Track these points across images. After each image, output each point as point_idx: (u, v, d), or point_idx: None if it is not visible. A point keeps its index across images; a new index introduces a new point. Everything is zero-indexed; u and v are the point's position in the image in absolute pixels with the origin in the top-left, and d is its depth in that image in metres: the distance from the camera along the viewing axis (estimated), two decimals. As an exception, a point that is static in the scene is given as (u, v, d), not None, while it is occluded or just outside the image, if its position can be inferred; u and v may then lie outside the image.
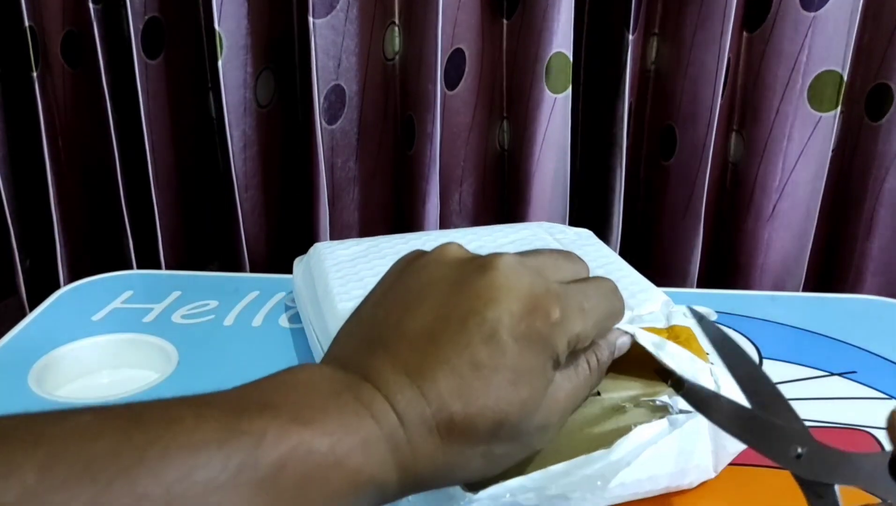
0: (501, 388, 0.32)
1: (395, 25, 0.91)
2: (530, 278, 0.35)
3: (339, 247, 0.63)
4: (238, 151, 0.89)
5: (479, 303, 0.33)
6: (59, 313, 0.68)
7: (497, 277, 0.34)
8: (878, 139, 0.87)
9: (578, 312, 0.35)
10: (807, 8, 0.81)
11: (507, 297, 0.34)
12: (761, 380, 0.34)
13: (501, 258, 0.35)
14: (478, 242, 0.63)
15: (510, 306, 0.33)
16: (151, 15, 0.87)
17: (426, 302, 0.35)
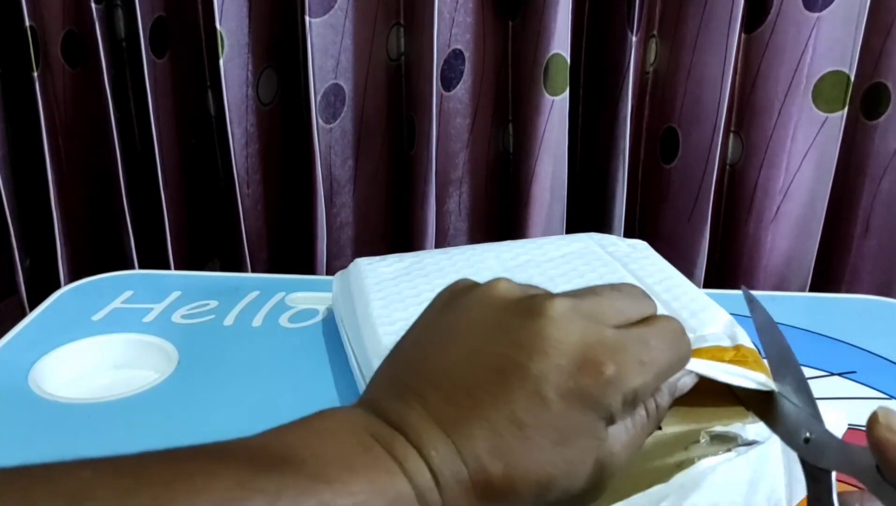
0: (545, 449, 0.29)
1: (400, 26, 0.91)
2: (582, 327, 0.31)
3: (380, 264, 0.61)
4: (239, 149, 0.89)
5: (523, 355, 0.30)
6: (59, 313, 0.68)
7: (545, 326, 0.31)
8: (875, 138, 0.87)
9: (637, 365, 0.32)
10: (810, 8, 0.81)
11: (554, 350, 0.30)
12: (791, 365, 0.36)
13: (553, 303, 0.32)
14: (526, 255, 0.59)
15: (558, 361, 0.30)
16: (158, 14, 0.87)
17: (466, 347, 0.32)
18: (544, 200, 0.92)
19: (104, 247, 0.97)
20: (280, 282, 0.73)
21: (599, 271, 0.56)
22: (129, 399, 0.55)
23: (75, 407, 0.54)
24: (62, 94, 0.89)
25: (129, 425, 0.52)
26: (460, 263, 0.59)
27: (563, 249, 0.60)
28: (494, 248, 0.62)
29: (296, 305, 0.69)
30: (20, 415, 0.53)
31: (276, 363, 0.60)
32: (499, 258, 0.59)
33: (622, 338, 0.32)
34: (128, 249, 0.92)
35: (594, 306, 0.33)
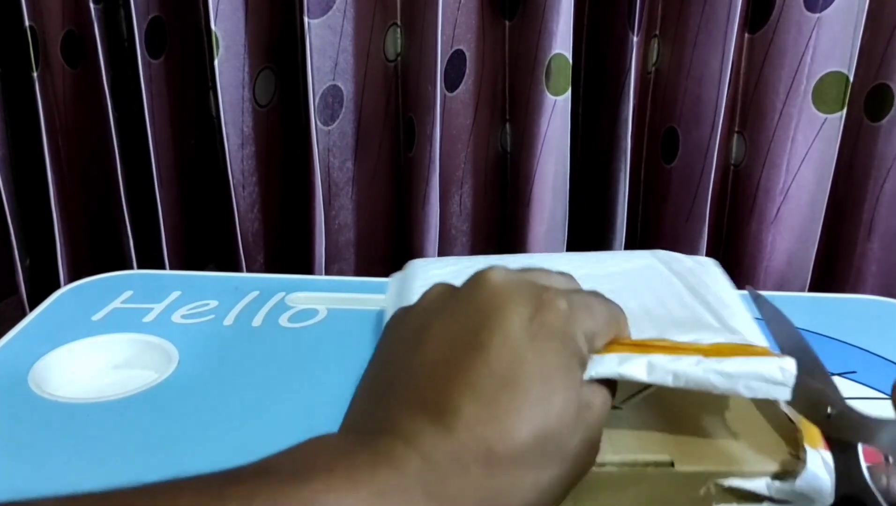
0: (534, 399, 0.29)
1: (397, 26, 0.91)
2: (527, 281, 0.33)
3: (434, 266, 0.58)
4: (235, 150, 0.89)
5: (483, 317, 0.31)
6: (59, 313, 0.68)
7: (493, 287, 0.32)
8: (878, 140, 0.87)
9: (585, 308, 0.33)
10: (811, 9, 0.81)
11: (509, 300, 0.32)
12: (805, 350, 0.37)
13: (489, 271, 0.33)
14: (584, 269, 0.54)
15: (516, 309, 0.31)
16: (154, 15, 0.87)
17: (428, 338, 0.32)
18: (546, 200, 0.91)
19: (104, 247, 0.96)
20: (280, 282, 0.73)
21: (658, 290, 0.52)
22: (129, 399, 0.55)
23: (75, 407, 0.54)
24: (62, 95, 0.89)
25: (129, 425, 0.52)
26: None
27: (624, 266, 0.57)
28: (554, 259, 0.59)
29: (296, 305, 0.69)
30: (20, 415, 0.53)
31: (276, 363, 0.60)
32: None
33: (563, 289, 0.34)
34: (126, 250, 0.92)
35: (530, 274, 0.35)
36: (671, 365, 0.33)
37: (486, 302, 0.32)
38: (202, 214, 0.99)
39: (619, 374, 0.33)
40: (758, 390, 0.32)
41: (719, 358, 0.33)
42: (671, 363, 0.33)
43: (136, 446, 0.50)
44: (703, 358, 0.33)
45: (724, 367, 0.32)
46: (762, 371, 0.32)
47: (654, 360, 0.33)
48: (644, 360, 0.33)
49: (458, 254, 0.99)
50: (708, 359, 0.33)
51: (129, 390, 0.56)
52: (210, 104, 0.95)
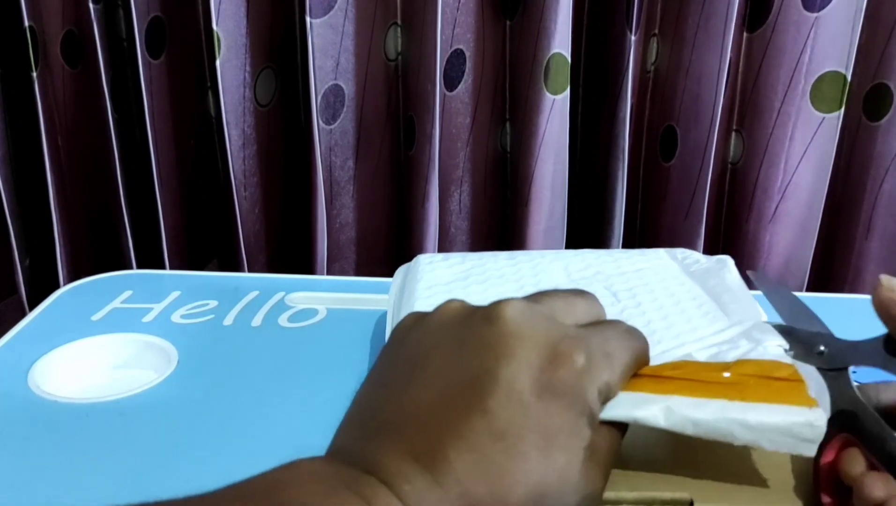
0: (532, 458, 0.27)
1: (397, 26, 0.91)
2: (545, 324, 0.30)
3: (441, 263, 0.56)
4: (236, 150, 0.89)
5: (489, 360, 0.29)
6: (59, 313, 0.68)
7: (506, 327, 0.30)
8: (877, 140, 0.87)
9: (604, 357, 0.31)
10: (809, 8, 0.81)
11: (520, 347, 0.29)
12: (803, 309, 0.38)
13: (507, 305, 0.30)
14: (596, 267, 0.54)
15: (527, 358, 0.29)
16: (154, 15, 0.87)
17: (429, 371, 0.30)
18: (545, 199, 0.92)
19: (104, 247, 0.97)
20: (280, 282, 0.73)
21: (672, 289, 0.50)
22: (128, 399, 0.55)
23: (75, 407, 0.54)
24: (62, 94, 0.89)
25: (128, 425, 0.52)
26: (524, 270, 0.54)
27: (639, 264, 0.54)
28: (566, 256, 0.57)
29: (296, 305, 0.69)
30: (20, 415, 0.53)
31: (276, 363, 0.60)
32: (567, 270, 0.54)
33: (583, 332, 0.31)
34: (126, 250, 0.92)
35: (550, 307, 0.32)
36: (692, 413, 0.31)
37: (495, 342, 0.29)
38: (203, 214, 0.99)
39: (633, 418, 0.31)
40: (782, 445, 0.31)
41: (744, 403, 0.31)
42: (692, 410, 0.31)
43: (136, 446, 0.50)
44: (727, 403, 0.31)
45: (749, 417, 0.31)
46: (790, 426, 0.31)
47: (674, 404, 0.31)
48: (662, 404, 0.31)
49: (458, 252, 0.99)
50: (732, 404, 0.31)
51: (128, 389, 0.56)
52: (210, 104, 0.95)
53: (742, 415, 0.30)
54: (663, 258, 0.56)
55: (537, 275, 0.54)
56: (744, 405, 0.31)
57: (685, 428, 0.31)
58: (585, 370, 0.29)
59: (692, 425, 0.31)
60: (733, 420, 0.30)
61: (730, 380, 0.33)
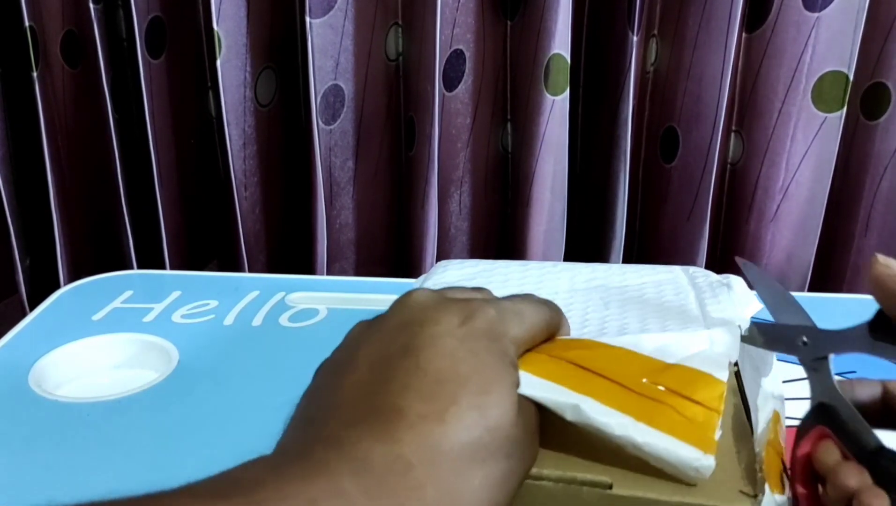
0: (474, 392, 0.29)
1: (398, 26, 0.91)
2: (450, 298, 0.33)
3: (456, 268, 0.56)
4: (237, 150, 0.89)
5: (414, 330, 0.31)
6: (59, 313, 0.68)
7: (421, 303, 0.33)
8: (876, 138, 0.87)
9: (514, 314, 0.34)
10: (810, 8, 0.81)
11: (438, 313, 0.32)
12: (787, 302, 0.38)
13: (413, 292, 0.34)
14: (601, 280, 0.53)
15: (445, 319, 0.31)
16: (154, 15, 0.87)
17: (358, 359, 0.32)
18: (545, 200, 0.92)
19: (104, 247, 0.97)
20: (280, 282, 0.73)
21: (669, 300, 0.49)
22: (129, 399, 0.55)
23: (75, 407, 0.54)
24: (62, 94, 0.89)
25: (128, 425, 0.52)
26: (531, 278, 0.55)
27: (645, 278, 0.54)
28: (576, 268, 0.57)
29: (296, 305, 0.69)
30: (20, 415, 0.53)
31: (276, 363, 0.60)
32: (572, 280, 0.54)
33: (493, 297, 0.34)
34: (126, 250, 0.92)
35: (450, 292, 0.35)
36: (597, 419, 0.33)
37: (412, 318, 0.32)
38: (203, 214, 0.99)
39: (543, 402, 0.33)
40: (668, 470, 0.33)
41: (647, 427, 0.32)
42: (598, 416, 0.33)
43: (136, 445, 0.50)
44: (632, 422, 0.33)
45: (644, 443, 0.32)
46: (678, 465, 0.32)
47: (584, 406, 0.33)
48: (574, 402, 0.33)
49: (457, 254, 0.99)
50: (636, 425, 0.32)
51: (129, 389, 0.56)
52: (210, 104, 0.95)
53: (640, 438, 0.32)
54: (675, 273, 0.55)
55: (541, 281, 0.54)
56: (645, 429, 0.32)
57: (586, 427, 0.33)
58: (498, 320, 0.32)
59: (594, 428, 0.33)
60: (630, 439, 0.32)
61: (649, 392, 0.34)
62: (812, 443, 0.33)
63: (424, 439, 0.28)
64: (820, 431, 0.33)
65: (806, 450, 0.34)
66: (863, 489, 0.30)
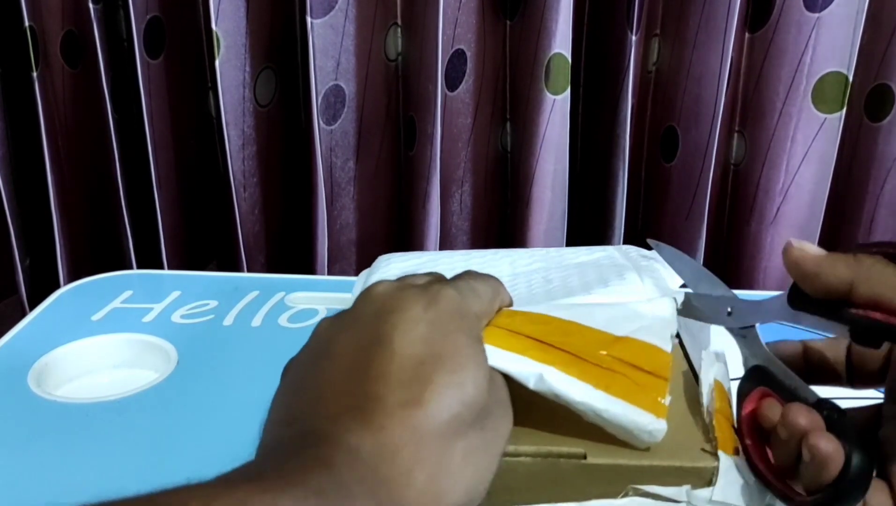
0: (449, 372, 0.30)
1: (398, 26, 0.91)
2: (410, 284, 0.35)
3: (398, 260, 0.58)
4: (236, 151, 0.89)
5: (383, 318, 0.32)
6: (59, 313, 0.68)
7: (385, 293, 0.34)
8: (879, 140, 0.87)
9: (471, 291, 0.35)
10: (810, 9, 0.81)
11: (404, 300, 0.33)
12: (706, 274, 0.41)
13: (374, 285, 0.35)
14: (541, 262, 0.56)
15: (412, 306, 0.32)
16: (153, 15, 0.87)
17: (333, 353, 0.32)
18: (545, 199, 0.91)
19: (104, 247, 0.96)
20: (280, 282, 0.73)
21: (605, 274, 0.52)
22: (128, 399, 0.55)
23: (75, 407, 0.54)
24: (62, 94, 0.89)
25: (128, 425, 0.52)
26: (474, 265, 0.57)
27: (583, 258, 0.57)
28: (516, 253, 0.60)
29: (295, 305, 0.69)
30: (20, 415, 0.53)
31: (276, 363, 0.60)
32: (513, 264, 0.57)
33: (446, 280, 0.35)
34: (126, 250, 0.92)
35: (408, 279, 0.36)
36: (559, 386, 0.34)
37: (380, 309, 0.33)
38: (202, 214, 0.99)
39: (508, 372, 0.34)
40: (622, 436, 0.35)
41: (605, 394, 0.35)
42: (560, 384, 0.35)
43: (136, 445, 0.50)
44: (591, 390, 0.35)
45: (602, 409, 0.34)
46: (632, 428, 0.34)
47: (547, 374, 0.35)
48: (537, 370, 0.35)
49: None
50: (595, 392, 0.34)
51: (129, 389, 0.56)
52: (210, 104, 0.95)
53: (600, 404, 0.34)
54: (609, 252, 0.59)
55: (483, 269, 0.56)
56: (604, 397, 0.35)
57: (548, 395, 0.35)
58: (461, 299, 0.34)
59: (555, 395, 0.35)
60: (589, 406, 0.34)
61: (604, 363, 0.36)
62: (755, 402, 0.35)
63: (406, 424, 0.29)
64: (761, 391, 0.36)
65: (750, 409, 0.36)
66: (813, 430, 0.31)
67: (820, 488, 0.31)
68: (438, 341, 0.31)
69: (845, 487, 0.31)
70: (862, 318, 0.31)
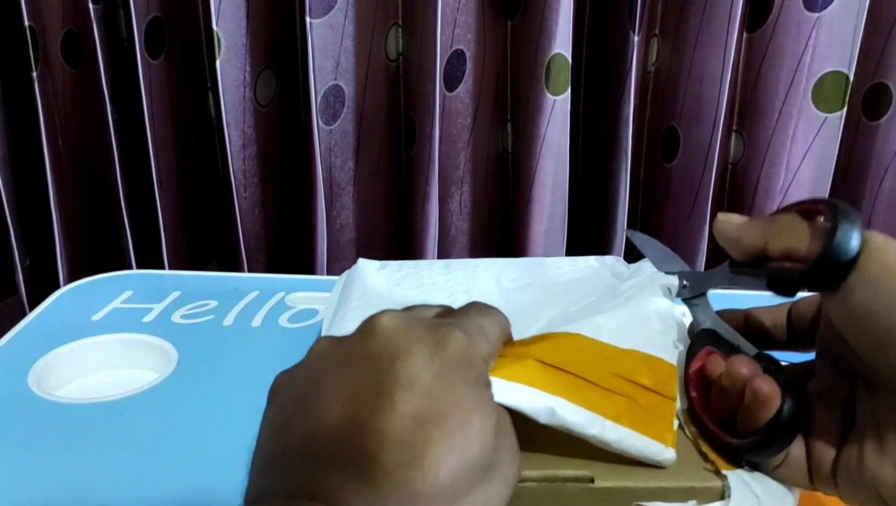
0: (452, 430, 0.28)
1: (398, 26, 0.91)
2: (418, 322, 0.32)
3: (380, 270, 0.58)
4: (236, 151, 0.89)
5: (384, 364, 0.30)
6: (59, 313, 0.68)
7: (387, 333, 0.31)
8: (877, 139, 0.87)
9: (478, 331, 0.33)
10: (810, 9, 0.81)
11: (408, 344, 0.30)
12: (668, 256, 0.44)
13: (379, 317, 0.32)
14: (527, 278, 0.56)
15: (415, 350, 0.30)
16: (153, 15, 0.87)
17: (326, 394, 0.30)
18: (546, 200, 0.91)
19: (104, 247, 0.96)
20: (280, 282, 0.73)
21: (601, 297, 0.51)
22: (128, 399, 0.55)
23: (75, 407, 0.54)
24: (62, 94, 0.89)
25: (128, 425, 0.52)
26: (458, 279, 0.57)
27: (570, 276, 0.56)
28: (498, 266, 0.59)
29: (296, 305, 0.69)
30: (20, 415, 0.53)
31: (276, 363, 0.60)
32: (498, 280, 0.56)
33: (453, 319, 0.34)
34: (126, 250, 0.92)
35: (412, 311, 0.35)
36: (570, 419, 0.34)
37: (382, 349, 0.31)
38: (202, 214, 0.99)
39: (518, 408, 0.33)
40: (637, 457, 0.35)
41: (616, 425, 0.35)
42: (571, 416, 0.34)
43: (136, 446, 0.50)
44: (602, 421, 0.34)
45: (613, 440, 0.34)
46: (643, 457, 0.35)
47: (558, 407, 0.34)
48: (548, 405, 0.34)
49: (459, 254, 0.99)
50: (606, 423, 0.34)
51: (128, 390, 0.56)
52: (210, 104, 0.95)
53: (612, 436, 0.34)
54: (591, 265, 0.58)
55: (468, 283, 0.56)
56: (615, 428, 0.35)
57: (560, 428, 0.34)
58: (468, 343, 0.32)
59: (567, 428, 0.34)
60: (601, 438, 0.34)
61: (613, 387, 0.36)
62: (702, 360, 0.38)
63: (404, 487, 0.27)
64: (707, 350, 0.38)
65: (697, 366, 0.38)
66: (755, 375, 0.34)
67: (755, 430, 0.34)
68: (444, 396, 0.29)
69: (777, 428, 0.33)
70: (776, 269, 0.33)
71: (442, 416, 0.29)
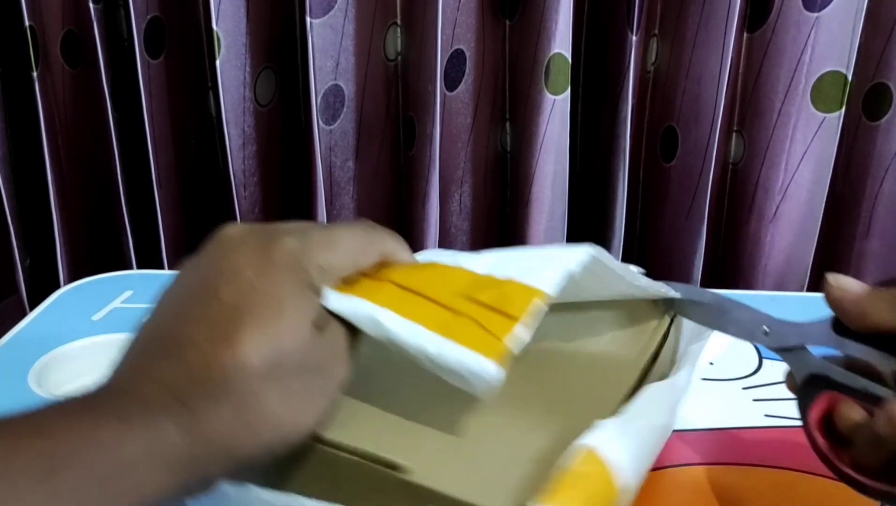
0: (264, 320, 0.31)
1: (397, 26, 0.91)
2: (260, 228, 0.35)
3: None
4: (236, 150, 0.89)
5: (214, 262, 0.34)
6: (59, 313, 0.68)
7: (225, 240, 0.34)
8: (877, 139, 0.87)
9: (324, 242, 0.35)
10: (809, 8, 0.81)
11: (239, 247, 0.34)
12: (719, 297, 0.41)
13: (224, 226, 0.35)
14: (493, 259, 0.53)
15: (245, 252, 0.33)
16: (153, 15, 0.87)
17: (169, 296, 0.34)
18: (545, 199, 0.92)
19: (104, 247, 0.96)
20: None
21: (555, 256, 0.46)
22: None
23: (75, 407, 0.54)
24: (62, 94, 0.89)
25: (129, 425, 0.52)
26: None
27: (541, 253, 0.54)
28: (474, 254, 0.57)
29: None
30: (20, 415, 0.53)
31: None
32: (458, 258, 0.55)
33: (303, 230, 0.35)
34: (126, 250, 0.92)
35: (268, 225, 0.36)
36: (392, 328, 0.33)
37: (217, 254, 0.34)
38: (202, 214, 0.99)
39: (343, 315, 0.34)
40: (457, 382, 0.32)
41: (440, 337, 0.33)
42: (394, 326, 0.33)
43: (136, 445, 0.50)
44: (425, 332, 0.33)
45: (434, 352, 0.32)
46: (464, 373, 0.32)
47: (383, 318, 0.33)
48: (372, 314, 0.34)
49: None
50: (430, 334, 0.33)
51: (129, 389, 0.56)
52: (210, 104, 0.95)
53: (432, 348, 0.33)
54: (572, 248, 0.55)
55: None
56: (438, 339, 0.33)
57: (383, 341, 0.34)
58: (300, 251, 0.34)
59: (388, 340, 0.34)
60: (422, 350, 0.33)
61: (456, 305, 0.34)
62: (824, 406, 0.35)
63: (214, 360, 0.30)
64: (828, 395, 0.36)
65: (819, 411, 0.36)
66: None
67: None
68: (262, 291, 0.32)
69: None
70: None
71: (258, 306, 0.32)
